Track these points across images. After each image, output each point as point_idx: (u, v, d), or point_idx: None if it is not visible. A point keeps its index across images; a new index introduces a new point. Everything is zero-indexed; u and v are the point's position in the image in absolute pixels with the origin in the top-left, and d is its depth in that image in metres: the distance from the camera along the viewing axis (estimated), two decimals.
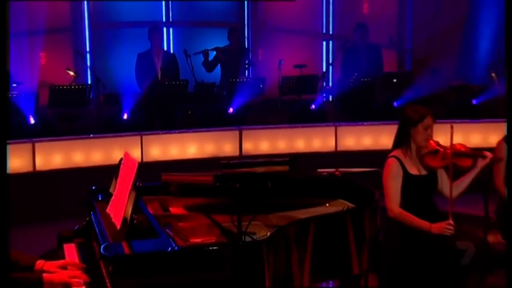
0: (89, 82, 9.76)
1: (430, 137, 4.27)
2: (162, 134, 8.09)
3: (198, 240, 3.21)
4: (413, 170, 4.19)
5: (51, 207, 7.34)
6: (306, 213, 3.55)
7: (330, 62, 11.62)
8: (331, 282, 4.56)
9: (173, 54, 9.37)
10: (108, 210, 3.46)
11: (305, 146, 8.71)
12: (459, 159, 4.15)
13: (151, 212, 3.42)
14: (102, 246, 2.81)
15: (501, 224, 5.42)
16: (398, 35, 12.27)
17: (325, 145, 8.76)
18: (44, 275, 2.86)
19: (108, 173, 7.30)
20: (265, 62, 10.36)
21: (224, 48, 9.65)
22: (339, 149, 8.84)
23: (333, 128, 8.81)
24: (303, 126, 8.86)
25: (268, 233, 3.16)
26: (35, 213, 7.21)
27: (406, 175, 4.17)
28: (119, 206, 3.20)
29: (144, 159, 7.87)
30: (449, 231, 4.02)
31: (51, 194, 7.38)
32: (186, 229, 3.34)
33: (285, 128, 8.73)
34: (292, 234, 3.22)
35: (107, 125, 8.37)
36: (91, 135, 7.92)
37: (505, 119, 5.08)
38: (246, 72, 9.75)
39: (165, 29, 10.00)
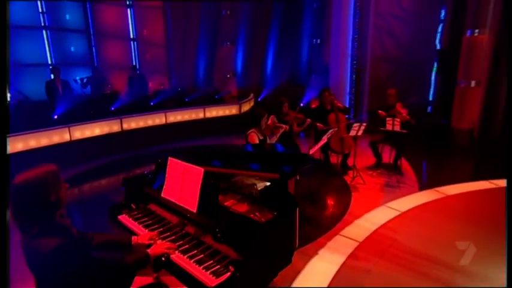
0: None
1: (267, 122, 4.27)
2: (79, 124, 6.52)
3: (230, 203, 2.41)
4: (260, 137, 4.17)
5: None
6: None
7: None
8: None
9: (66, 80, 7.67)
10: (163, 195, 2.42)
11: (160, 121, 7.68)
12: (276, 130, 4.36)
13: None
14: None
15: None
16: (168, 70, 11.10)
17: (161, 121, 7.70)
18: (149, 251, 1.99)
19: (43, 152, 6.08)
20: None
21: (92, 76, 8.24)
22: (168, 121, 7.85)
23: (163, 114, 7.75)
24: (154, 113, 7.68)
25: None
26: None
27: (259, 139, 4.13)
28: (190, 198, 2.23)
29: (72, 138, 6.38)
30: None
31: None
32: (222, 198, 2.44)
33: (142, 114, 7.52)
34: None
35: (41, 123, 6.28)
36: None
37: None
38: (108, 88, 8.39)
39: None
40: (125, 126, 7.17)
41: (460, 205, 4.53)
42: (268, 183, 2.77)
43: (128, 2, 9.60)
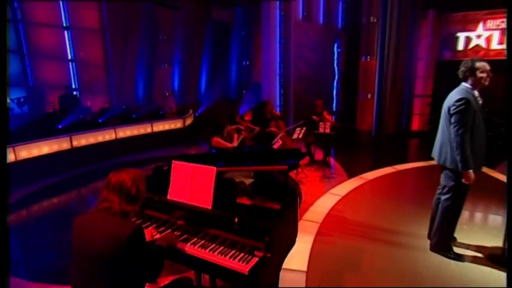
0: None
1: (228, 130, 4.09)
2: (24, 144, 5.47)
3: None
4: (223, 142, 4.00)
5: None
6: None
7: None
8: None
9: None
10: (170, 197, 2.18)
11: (110, 137, 6.91)
12: (236, 136, 4.23)
13: None
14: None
15: None
16: (108, 90, 9.79)
17: (111, 137, 6.95)
18: (159, 243, 1.87)
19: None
20: None
21: (27, 96, 7.02)
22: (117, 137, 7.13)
23: (113, 130, 7.06)
24: (104, 129, 6.86)
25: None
26: None
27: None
28: (203, 196, 2.06)
29: (18, 158, 5.29)
30: None
31: None
32: None
33: (92, 131, 6.68)
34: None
35: None
36: None
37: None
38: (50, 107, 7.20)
39: None
40: (75, 143, 6.25)
41: (378, 186, 5.10)
42: (251, 180, 2.76)
43: (64, 25, 8.47)
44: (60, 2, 8.39)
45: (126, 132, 7.32)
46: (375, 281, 2.73)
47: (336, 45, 9.42)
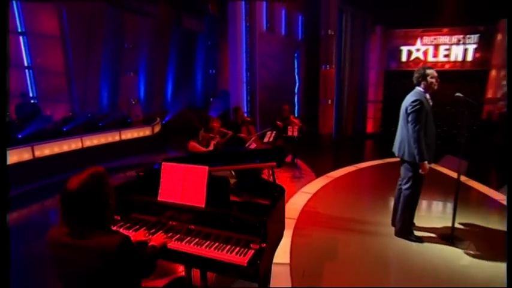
0: None
1: (202, 134, 4.14)
2: None
3: None
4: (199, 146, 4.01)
5: None
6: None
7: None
8: None
9: None
10: (160, 198, 2.14)
11: (76, 146, 6.40)
12: (211, 141, 4.25)
13: None
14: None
15: None
16: (70, 98, 9.25)
17: (77, 146, 6.47)
18: (154, 244, 1.78)
19: None
20: None
21: None
22: (84, 146, 6.63)
23: (79, 139, 6.56)
24: (69, 138, 6.32)
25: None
26: None
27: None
28: (196, 195, 2.06)
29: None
30: None
31: None
32: None
33: (56, 140, 6.13)
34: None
35: None
36: None
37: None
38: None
39: None
40: (38, 153, 5.73)
41: (343, 183, 5.41)
42: (234, 180, 2.81)
43: (19, 30, 7.78)
44: (14, 6, 7.73)
45: (93, 140, 6.88)
46: (352, 266, 2.90)
47: (296, 55, 9.83)
